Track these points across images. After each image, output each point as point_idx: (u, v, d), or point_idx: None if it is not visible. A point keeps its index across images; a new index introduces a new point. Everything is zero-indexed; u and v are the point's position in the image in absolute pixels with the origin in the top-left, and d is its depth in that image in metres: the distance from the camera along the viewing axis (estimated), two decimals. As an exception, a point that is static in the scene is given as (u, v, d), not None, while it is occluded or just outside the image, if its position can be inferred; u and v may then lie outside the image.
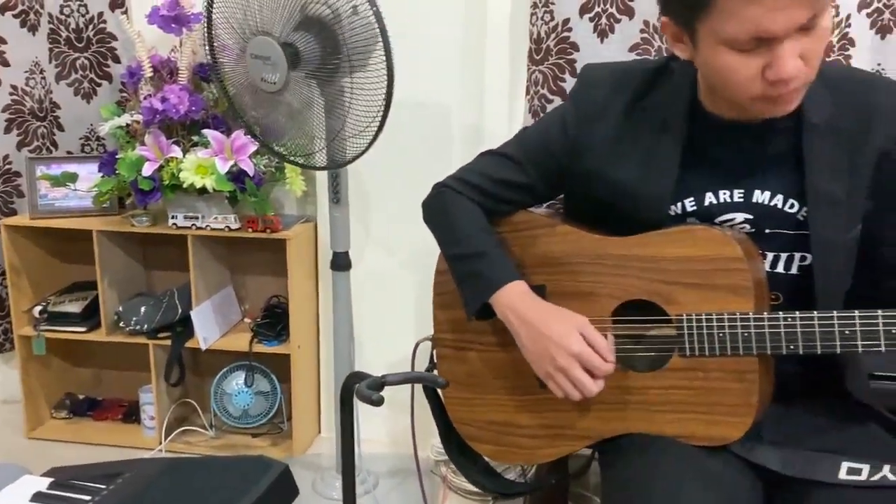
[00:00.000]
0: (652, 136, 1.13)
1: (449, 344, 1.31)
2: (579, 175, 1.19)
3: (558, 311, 1.13)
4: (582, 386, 1.08)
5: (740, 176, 1.11)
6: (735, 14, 0.91)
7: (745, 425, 1.05)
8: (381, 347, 2.26)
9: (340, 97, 1.63)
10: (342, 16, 1.51)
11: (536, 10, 1.95)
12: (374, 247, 2.22)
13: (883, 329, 0.98)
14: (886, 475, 0.99)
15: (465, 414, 1.30)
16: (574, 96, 1.20)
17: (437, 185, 1.31)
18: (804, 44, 0.94)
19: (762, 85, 0.96)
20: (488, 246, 1.20)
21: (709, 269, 1.06)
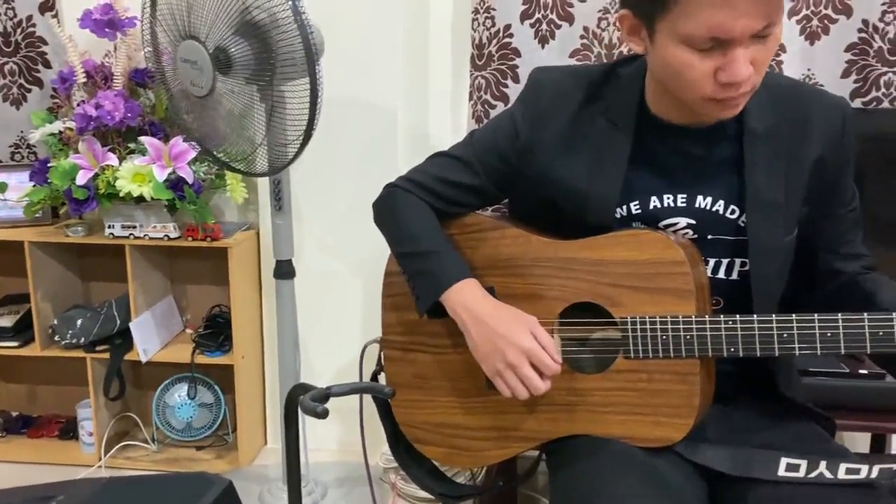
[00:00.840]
0: (600, 139, 1.14)
1: (397, 346, 1.30)
2: (528, 176, 1.20)
3: (509, 309, 1.14)
4: (530, 383, 1.09)
5: (684, 181, 1.13)
6: (696, 14, 0.93)
7: (687, 426, 1.07)
8: (328, 354, 2.24)
9: (281, 103, 1.60)
10: (280, 22, 1.49)
11: (478, 15, 1.95)
12: (319, 253, 2.20)
13: (819, 333, 1.00)
14: (823, 472, 1.01)
15: (413, 416, 1.29)
16: (524, 98, 1.21)
17: (388, 185, 1.31)
18: (756, 51, 0.96)
19: (713, 86, 0.98)
20: (440, 244, 1.20)
21: (652, 272, 1.08)
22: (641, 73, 1.13)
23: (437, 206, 1.25)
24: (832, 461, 1.02)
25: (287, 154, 1.70)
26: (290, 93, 1.60)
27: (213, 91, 1.58)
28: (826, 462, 1.02)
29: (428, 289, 1.18)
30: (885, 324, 0.98)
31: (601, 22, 1.92)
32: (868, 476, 1.01)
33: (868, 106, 1.87)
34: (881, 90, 1.87)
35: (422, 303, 1.20)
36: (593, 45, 1.94)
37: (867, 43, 1.85)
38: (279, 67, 1.52)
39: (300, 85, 1.58)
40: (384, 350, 1.33)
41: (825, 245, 1.18)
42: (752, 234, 1.10)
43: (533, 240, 1.18)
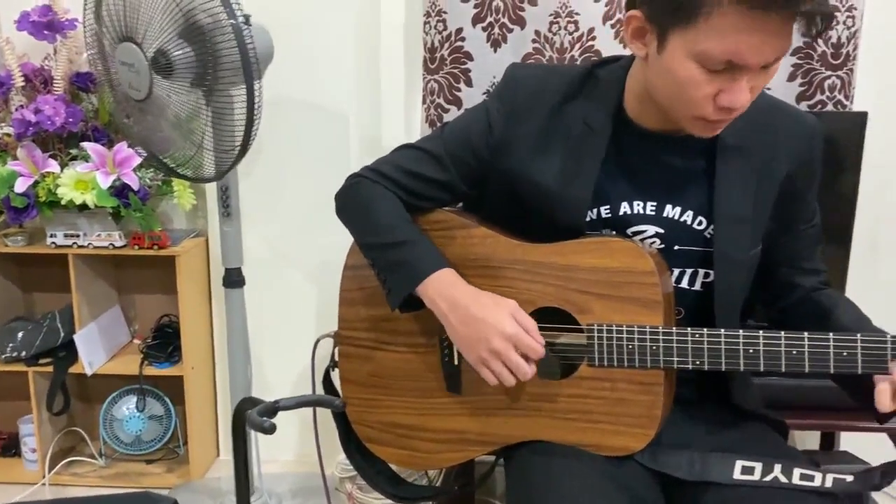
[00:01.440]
0: (575, 140, 1.12)
1: (354, 342, 1.27)
2: (500, 174, 1.17)
3: (489, 294, 1.11)
4: (518, 369, 1.06)
5: (655, 189, 1.12)
6: (721, 35, 0.91)
7: (647, 437, 1.07)
8: (281, 362, 2.20)
9: (229, 107, 1.57)
10: (223, 25, 1.45)
11: (430, 18, 1.94)
12: (271, 260, 2.16)
13: (784, 350, 1.00)
14: (778, 476, 1.02)
15: (366, 415, 1.26)
16: (500, 94, 1.18)
17: (353, 175, 1.26)
18: (757, 79, 0.96)
19: (711, 107, 0.98)
20: (412, 234, 1.16)
21: (621, 280, 1.07)
22: (621, 77, 1.12)
23: (404, 200, 1.21)
24: (786, 465, 1.03)
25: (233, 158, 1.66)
26: (238, 97, 1.57)
27: (151, 94, 1.54)
28: (780, 465, 1.03)
29: (402, 280, 1.14)
30: (849, 345, 0.98)
31: (552, 26, 1.92)
32: (822, 485, 1.01)
33: (813, 109, 1.90)
34: (825, 93, 1.90)
35: (394, 295, 1.15)
36: (545, 49, 1.94)
37: (811, 47, 1.88)
38: (222, 71, 1.49)
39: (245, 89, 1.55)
40: (340, 346, 1.29)
41: (785, 259, 1.19)
42: (719, 247, 1.10)
43: (502, 241, 1.16)
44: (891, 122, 2.02)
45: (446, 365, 1.18)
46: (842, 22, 1.86)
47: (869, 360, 0.97)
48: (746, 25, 0.89)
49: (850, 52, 1.87)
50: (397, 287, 1.14)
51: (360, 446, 1.28)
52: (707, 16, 0.91)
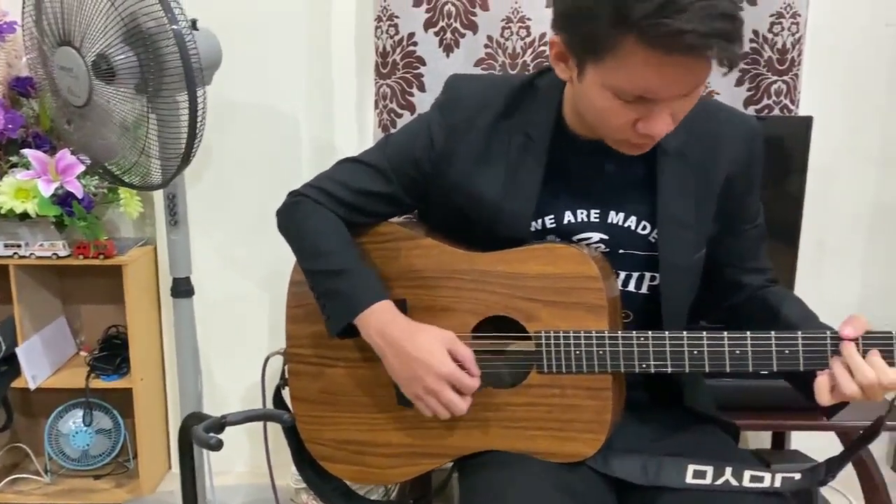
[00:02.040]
0: (516, 152, 1.12)
1: (303, 359, 1.25)
2: (443, 187, 1.16)
3: (425, 329, 1.11)
4: (452, 406, 1.07)
5: (598, 197, 1.13)
6: (629, 72, 0.91)
7: (598, 442, 1.07)
8: (232, 374, 2.16)
9: (174, 112, 1.53)
10: (167, 30, 1.41)
11: (381, 23, 1.92)
12: (221, 268, 2.12)
13: (728, 351, 1.01)
14: (729, 479, 1.03)
15: (319, 433, 1.24)
16: (441, 106, 1.17)
17: (293, 193, 1.25)
18: (678, 105, 0.96)
19: (631, 132, 0.98)
20: (351, 262, 1.15)
21: (566, 286, 1.07)
22: (560, 87, 1.12)
23: (347, 216, 1.19)
24: (737, 468, 1.04)
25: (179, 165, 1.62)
26: (184, 103, 1.53)
27: (91, 100, 1.49)
28: (731, 469, 1.04)
29: (340, 311, 1.13)
30: (790, 343, 0.99)
31: (504, 31, 1.92)
32: (772, 485, 1.03)
33: (760, 113, 1.94)
34: (772, 98, 1.94)
35: (333, 325, 1.15)
36: (497, 55, 1.94)
37: (758, 53, 1.91)
38: (166, 77, 1.45)
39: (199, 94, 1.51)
40: (289, 364, 1.27)
41: (730, 259, 1.20)
42: (663, 251, 1.11)
43: (447, 251, 1.15)
44: (834, 125, 2.07)
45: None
46: (786, 28, 1.90)
47: (810, 357, 0.99)
48: (653, 65, 0.89)
49: (795, 57, 1.91)
50: (335, 316, 1.14)
51: (313, 463, 1.26)
52: (614, 54, 0.91)
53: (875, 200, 2.20)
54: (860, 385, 0.95)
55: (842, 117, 2.11)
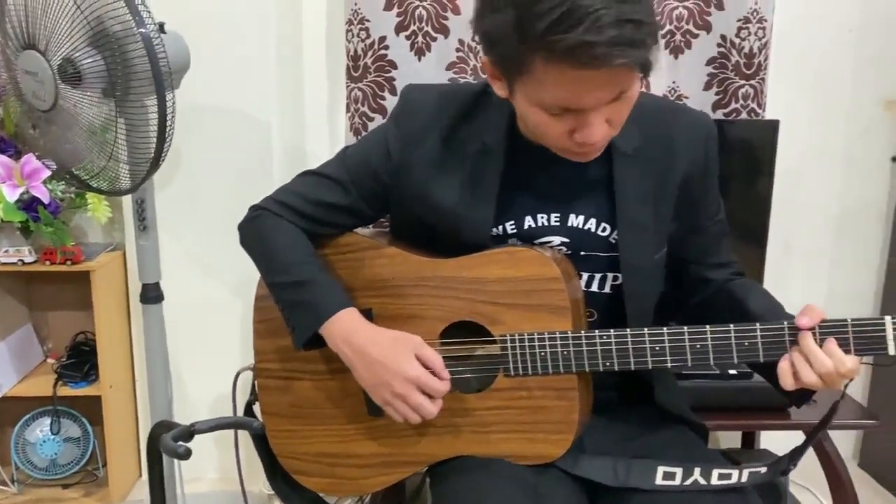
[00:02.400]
0: (473, 159, 1.13)
1: (271, 374, 1.25)
2: (403, 197, 1.17)
3: (391, 335, 1.11)
4: (421, 409, 1.07)
5: (557, 200, 1.13)
6: (547, 88, 0.92)
7: (567, 442, 1.08)
8: (203, 381, 2.14)
9: (143, 117, 1.51)
10: (135, 33, 1.40)
11: (352, 26, 1.92)
12: (192, 274, 2.10)
13: (689, 345, 1.03)
14: (698, 479, 1.05)
15: (291, 447, 1.24)
16: (396, 118, 1.18)
17: (253, 207, 1.25)
18: (612, 110, 0.96)
19: (569, 142, 0.99)
20: (313, 272, 1.15)
21: (529, 289, 1.08)
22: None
23: (309, 228, 1.20)
24: (705, 468, 1.05)
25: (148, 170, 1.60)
26: (153, 106, 1.51)
27: (57, 105, 1.47)
28: (700, 469, 1.05)
29: (304, 322, 1.13)
30: (749, 335, 1.01)
31: (476, 35, 1.92)
32: (739, 480, 1.04)
33: (729, 117, 1.96)
34: (740, 102, 1.96)
35: (298, 336, 1.14)
36: (469, 58, 1.94)
37: (726, 57, 1.94)
38: (134, 81, 1.43)
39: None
40: (258, 379, 1.27)
41: (694, 257, 1.21)
42: (624, 252, 1.12)
43: (410, 259, 1.16)
44: (800, 129, 2.11)
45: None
46: (753, 33, 1.92)
47: (769, 348, 1.00)
48: (569, 80, 0.90)
49: (762, 62, 1.94)
50: (300, 328, 1.14)
51: (287, 479, 1.26)
52: (529, 73, 0.92)
53: (840, 203, 2.24)
54: (818, 374, 0.97)
55: (808, 121, 2.15)
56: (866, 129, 2.19)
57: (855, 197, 2.24)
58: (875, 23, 2.13)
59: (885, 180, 2.23)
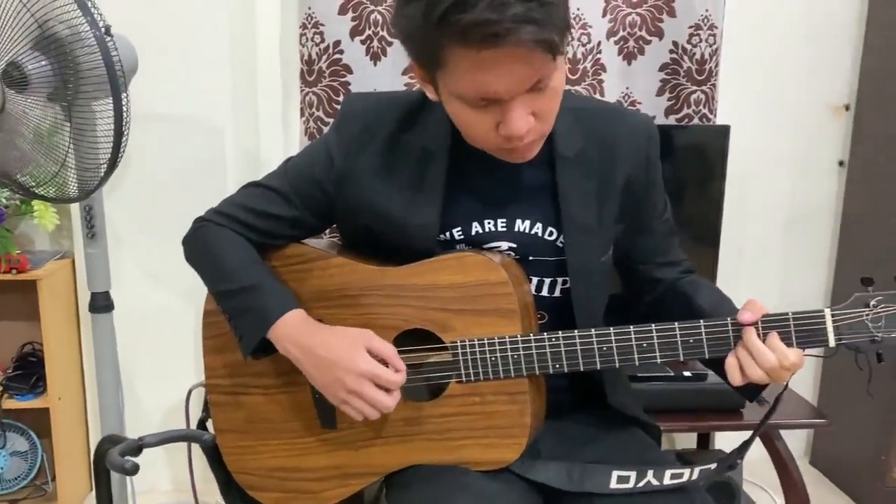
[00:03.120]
0: (417, 166, 1.12)
1: (223, 390, 1.23)
2: (346, 206, 1.16)
3: (340, 331, 1.09)
4: (377, 403, 1.05)
5: (503, 206, 1.13)
6: (460, 76, 0.92)
7: (520, 446, 1.07)
8: (157, 392, 2.10)
9: (91, 122, 1.48)
10: (82, 36, 1.37)
11: (306, 31, 1.90)
12: (144, 282, 2.06)
13: (636, 344, 1.04)
14: (651, 481, 1.05)
15: (245, 463, 1.22)
16: (338, 127, 1.17)
17: (197, 219, 1.23)
18: (535, 102, 0.96)
19: (497, 138, 0.98)
20: (259, 277, 1.13)
21: (477, 294, 1.08)
22: None
23: (254, 240, 1.18)
24: (658, 469, 1.06)
25: (99, 176, 1.57)
26: (102, 111, 1.48)
27: (4, 110, 1.43)
28: (653, 471, 1.06)
29: (252, 327, 1.11)
30: (694, 332, 1.02)
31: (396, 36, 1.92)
32: (690, 478, 1.06)
33: (681, 122, 1.99)
34: (691, 107, 2.00)
35: (246, 343, 1.12)
36: (424, 63, 1.94)
37: (678, 63, 1.97)
38: (83, 85, 1.40)
39: (109, 103, 1.47)
40: (209, 395, 1.24)
41: (642, 257, 1.22)
42: (570, 256, 1.12)
43: (359, 268, 1.15)
44: (750, 134, 2.15)
45: (318, 401, 1.16)
46: (704, 40, 1.96)
47: (714, 344, 1.01)
48: (478, 64, 0.89)
49: (713, 68, 1.97)
50: (247, 334, 1.12)
51: (242, 495, 1.23)
52: (443, 63, 0.92)
53: (790, 205, 2.29)
54: (763, 369, 0.98)
55: (758, 126, 2.19)
56: (814, 133, 2.25)
57: (804, 199, 2.29)
58: (821, 30, 2.18)
59: (832, 183, 2.29)
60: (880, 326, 0.97)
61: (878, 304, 0.97)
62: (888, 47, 2.09)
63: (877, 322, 0.97)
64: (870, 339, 0.97)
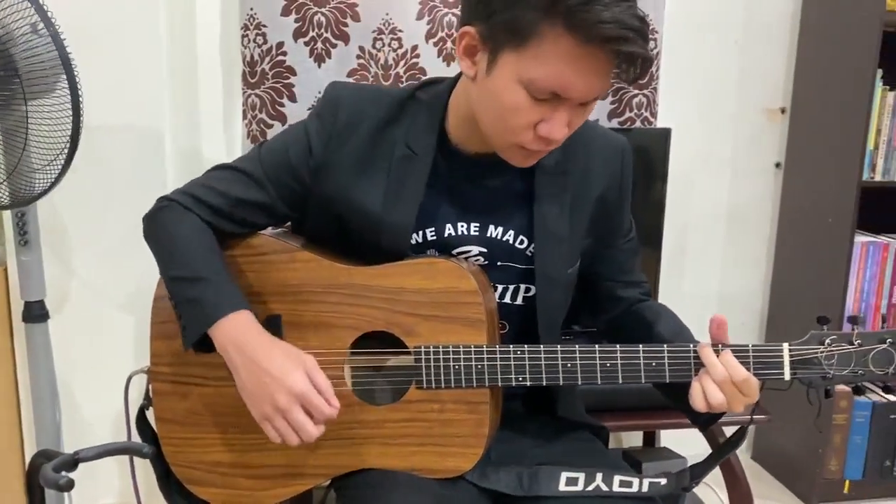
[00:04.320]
0: (398, 163, 1.11)
1: (167, 378, 1.18)
2: (322, 196, 1.13)
3: (285, 346, 1.05)
4: (302, 430, 1.01)
5: (478, 210, 1.13)
6: (549, 64, 0.92)
7: (476, 456, 1.07)
8: (97, 401, 2.03)
9: (21, 126, 1.42)
10: (16, 36, 1.32)
11: (248, 32, 1.87)
12: (82, 290, 1.99)
13: (599, 363, 1.04)
14: (599, 484, 1.06)
15: (186, 456, 1.18)
16: (320, 114, 1.13)
17: (162, 198, 1.17)
18: (576, 114, 0.98)
19: (531, 136, 0.99)
20: (212, 270, 1.09)
21: (445, 301, 1.07)
22: (443, 100, 1.11)
23: (219, 224, 1.13)
24: (607, 474, 1.07)
25: (34, 182, 1.51)
26: (37, 112, 1.43)
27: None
28: (602, 474, 1.07)
29: (195, 320, 1.06)
30: (657, 356, 1.03)
31: (376, 42, 1.92)
32: (640, 490, 1.07)
33: (623, 125, 2.02)
34: (633, 111, 2.03)
35: (188, 335, 1.07)
36: (370, 66, 1.93)
37: (620, 67, 1.99)
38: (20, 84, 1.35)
39: (46, 104, 1.42)
40: (153, 383, 1.19)
41: (607, 273, 1.23)
42: (539, 264, 1.13)
43: (325, 265, 1.12)
44: (690, 136, 2.19)
45: None
46: (645, 43, 1.98)
47: (675, 369, 1.03)
48: (574, 57, 0.91)
49: (654, 72, 2.01)
50: (190, 326, 1.07)
51: (181, 488, 1.19)
52: (539, 41, 0.92)
53: (729, 205, 2.35)
54: (716, 382, 0.99)
55: (697, 128, 2.24)
56: (751, 135, 2.31)
57: (743, 200, 2.35)
58: (757, 34, 2.24)
59: (769, 184, 2.35)
60: (832, 364, 1.01)
61: (832, 343, 1.01)
62: (821, 51, 2.16)
63: (829, 359, 1.01)
64: (821, 375, 1.02)
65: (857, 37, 2.00)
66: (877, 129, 2.05)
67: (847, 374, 1.01)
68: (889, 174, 2.07)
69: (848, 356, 1.01)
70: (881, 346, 1.00)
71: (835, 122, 2.09)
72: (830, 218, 2.09)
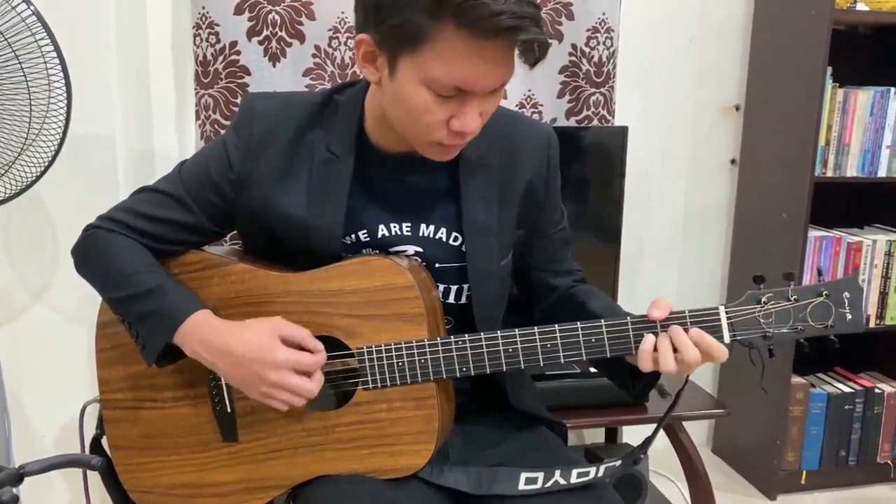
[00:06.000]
0: (320, 168, 1.10)
1: (118, 405, 1.17)
2: (247, 209, 1.12)
3: (249, 325, 1.06)
4: (301, 390, 1.03)
5: (407, 209, 1.12)
6: (447, 62, 0.91)
7: (428, 451, 1.06)
8: (49, 414, 1.98)
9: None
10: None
11: (200, 31, 1.84)
12: (33, 299, 1.94)
13: (539, 345, 1.05)
14: (558, 480, 1.06)
15: (142, 481, 1.17)
16: (237, 127, 1.13)
17: (87, 227, 1.16)
18: (487, 104, 0.98)
19: (444, 132, 0.98)
20: (159, 280, 1.08)
21: (383, 299, 1.06)
22: (359, 101, 1.11)
23: (149, 245, 1.13)
24: (565, 469, 1.07)
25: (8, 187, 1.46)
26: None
27: None
28: (560, 471, 1.07)
29: (155, 331, 1.06)
30: (596, 331, 1.04)
31: (332, 41, 1.89)
32: (596, 476, 1.07)
33: (581, 124, 2.03)
34: (591, 109, 2.04)
35: (150, 349, 1.07)
36: (326, 65, 1.91)
37: (577, 66, 2.00)
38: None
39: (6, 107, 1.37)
40: (104, 411, 1.18)
41: (538, 264, 1.24)
42: (471, 260, 1.12)
43: (261, 274, 1.11)
44: (647, 134, 2.21)
45: (219, 413, 1.12)
46: (602, 42, 2.00)
47: (615, 343, 1.03)
48: (471, 53, 0.91)
49: (611, 70, 2.02)
50: (151, 340, 1.07)
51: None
52: (434, 42, 0.92)
53: (687, 203, 2.38)
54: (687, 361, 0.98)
55: (654, 126, 2.26)
56: (707, 133, 2.33)
57: (700, 197, 2.38)
58: (712, 33, 2.27)
59: (725, 181, 2.38)
60: (771, 322, 1.01)
61: (769, 301, 1.00)
62: (773, 50, 2.19)
63: (768, 318, 1.01)
64: (762, 335, 1.01)
65: (808, 35, 2.04)
66: (828, 126, 2.08)
67: (787, 331, 1.00)
68: (840, 170, 2.12)
69: (786, 313, 1.00)
70: (818, 299, 1.00)
71: (787, 119, 2.13)
72: (784, 213, 2.13)
